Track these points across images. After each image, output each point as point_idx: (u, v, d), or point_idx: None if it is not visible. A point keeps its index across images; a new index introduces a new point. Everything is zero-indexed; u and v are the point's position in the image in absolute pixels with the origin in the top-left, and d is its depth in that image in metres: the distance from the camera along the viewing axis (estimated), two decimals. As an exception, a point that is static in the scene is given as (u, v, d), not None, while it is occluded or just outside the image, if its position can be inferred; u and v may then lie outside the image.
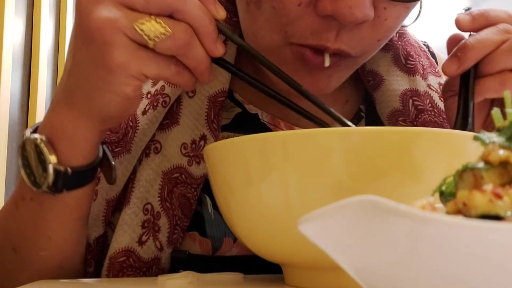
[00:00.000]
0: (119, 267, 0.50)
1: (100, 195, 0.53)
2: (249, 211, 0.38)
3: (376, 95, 0.62)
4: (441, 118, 0.60)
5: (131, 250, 0.51)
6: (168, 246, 0.52)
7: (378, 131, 0.35)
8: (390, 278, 0.19)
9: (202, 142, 0.54)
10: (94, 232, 0.53)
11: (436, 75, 0.64)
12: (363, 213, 0.18)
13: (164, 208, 0.52)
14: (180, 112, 0.54)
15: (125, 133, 0.54)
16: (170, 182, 0.52)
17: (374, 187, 0.34)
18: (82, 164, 0.46)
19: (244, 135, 0.45)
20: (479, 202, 0.19)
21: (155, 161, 0.53)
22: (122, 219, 0.52)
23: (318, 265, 0.37)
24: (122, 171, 0.53)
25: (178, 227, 0.52)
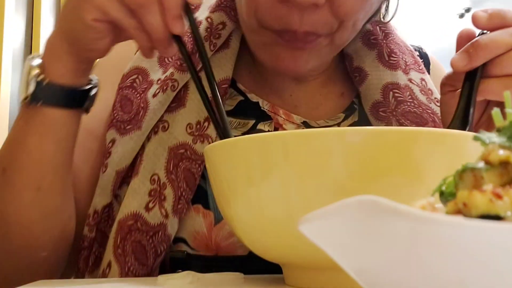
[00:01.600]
0: (127, 229, 0.55)
1: (110, 167, 0.59)
2: (249, 211, 0.38)
3: (361, 89, 0.67)
4: (421, 109, 0.64)
5: (139, 214, 0.55)
6: (173, 215, 0.56)
7: (378, 131, 0.35)
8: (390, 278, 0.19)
9: (206, 123, 0.59)
10: (102, 200, 0.59)
11: (419, 72, 0.68)
12: (363, 213, 0.18)
13: (169, 180, 0.56)
14: (187, 96, 0.60)
15: (137, 112, 0.60)
16: (176, 157, 0.57)
17: (374, 187, 0.34)
18: (59, 82, 0.51)
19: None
20: (479, 202, 0.19)
21: (162, 138, 0.58)
22: (131, 188, 0.57)
23: (318, 265, 0.37)
24: (132, 145, 0.59)
25: (182, 197, 0.56)
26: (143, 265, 0.54)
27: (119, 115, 0.61)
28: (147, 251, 0.54)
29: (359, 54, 0.68)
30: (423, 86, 0.66)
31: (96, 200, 0.59)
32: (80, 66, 0.52)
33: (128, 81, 0.63)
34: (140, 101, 0.60)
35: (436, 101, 0.65)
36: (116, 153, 0.59)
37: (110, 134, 0.61)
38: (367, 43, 0.68)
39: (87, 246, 0.58)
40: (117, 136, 0.60)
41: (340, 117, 0.66)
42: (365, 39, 0.68)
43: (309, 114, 0.66)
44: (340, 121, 0.66)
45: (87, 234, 0.58)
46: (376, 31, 0.69)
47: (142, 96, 0.61)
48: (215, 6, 0.64)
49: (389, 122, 0.63)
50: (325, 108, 0.67)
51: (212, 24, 0.63)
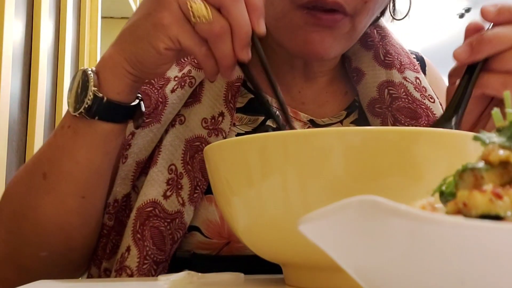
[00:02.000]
0: (146, 215, 0.57)
1: (130, 158, 0.61)
2: (249, 211, 0.38)
3: (359, 88, 0.70)
4: (415, 104, 0.67)
5: (157, 202, 0.57)
6: (190, 204, 0.58)
7: (378, 131, 0.35)
8: (390, 278, 0.19)
9: (220, 118, 0.62)
10: (122, 189, 0.61)
11: (414, 71, 0.71)
12: (363, 213, 0.18)
13: (186, 170, 0.59)
14: (202, 93, 0.63)
15: (155, 107, 0.62)
16: (192, 149, 0.60)
17: (374, 187, 0.34)
18: (115, 99, 0.54)
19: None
20: (479, 202, 0.19)
21: (179, 130, 0.62)
22: (150, 176, 0.59)
23: (318, 265, 0.37)
24: (152, 138, 0.61)
25: (198, 187, 0.59)
26: (160, 251, 0.56)
27: None
28: (164, 237, 0.56)
29: (357, 56, 0.71)
30: (417, 84, 0.69)
31: (116, 190, 0.61)
32: (136, 84, 0.55)
33: None
34: (158, 96, 0.63)
35: (430, 97, 0.68)
36: (137, 144, 0.61)
37: (129, 127, 0.62)
38: (364, 45, 0.72)
39: (106, 234, 0.60)
40: (137, 129, 0.62)
41: (342, 115, 0.69)
42: (362, 41, 0.72)
43: (316, 112, 0.69)
44: (342, 118, 0.69)
45: (107, 222, 0.60)
46: (373, 33, 0.72)
47: (160, 92, 0.63)
48: None
49: (384, 118, 0.66)
50: (331, 106, 0.70)
51: None
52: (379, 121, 0.67)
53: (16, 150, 1.28)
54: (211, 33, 0.48)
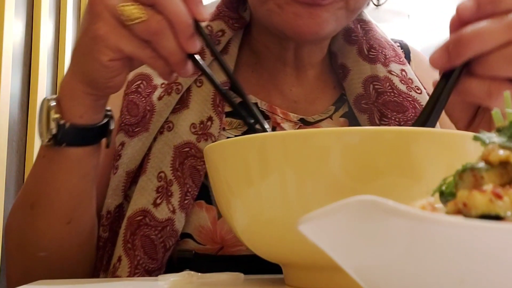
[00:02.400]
0: (136, 224, 0.57)
1: (120, 168, 0.61)
2: (248, 211, 0.38)
3: (345, 85, 0.69)
4: (401, 98, 0.66)
5: (147, 210, 0.57)
6: (181, 210, 0.58)
7: (377, 131, 0.35)
8: (390, 278, 0.19)
9: (209, 122, 0.62)
10: (114, 200, 0.61)
11: (399, 63, 0.70)
12: (363, 213, 0.18)
13: (176, 177, 0.59)
14: (190, 98, 0.63)
15: (143, 116, 0.62)
16: (181, 155, 0.60)
17: (374, 187, 0.34)
18: (79, 123, 0.53)
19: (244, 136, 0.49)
20: (479, 202, 0.19)
21: (168, 137, 0.61)
22: (139, 185, 0.59)
23: (318, 265, 0.37)
24: (141, 146, 0.61)
25: (189, 194, 0.58)
26: (152, 259, 0.56)
27: (126, 119, 0.63)
28: (156, 245, 0.56)
29: (342, 51, 0.71)
30: (403, 76, 0.68)
31: (108, 201, 0.61)
32: (98, 103, 0.54)
33: (133, 87, 0.65)
34: (146, 104, 0.63)
35: (416, 88, 0.67)
36: (126, 155, 0.61)
37: (119, 138, 0.63)
38: (348, 40, 0.71)
39: (102, 246, 0.60)
40: (126, 139, 0.62)
41: (331, 110, 0.69)
42: (346, 36, 0.71)
43: (307, 110, 0.68)
44: (331, 113, 0.69)
45: (102, 234, 0.60)
46: (357, 28, 0.72)
47: (148, 100, 0.63)
48: (214, 15, 0.67)
49: (371, 113, 0.66)
50: (321, 102, 0.70)
51: (212, 31, 0.65)
52: (366, 117, 0.66)
53: (16, 150, 1.28)
54: (149, 32, 0.47)
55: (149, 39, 0.47)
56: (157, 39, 0.47)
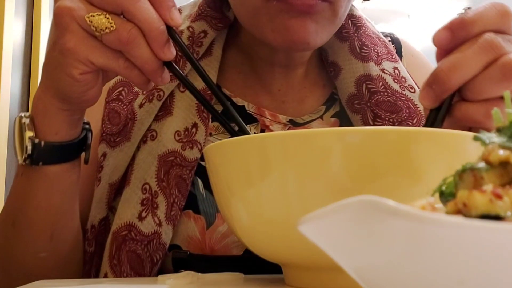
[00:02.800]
0: (121, 239, 0.55)
1: (103, 180, 0.59)
2: (248, 211, 0.38)
3: (337, 83, 0.67)
4: (394, 97, 0.64)
5: (132, 224, 0.55)
6: (167, 223, 0.56)
7: (377, 131, 0.35)
8: (390, 278, 0.19)
9: (194, 129, 0.60)
10: (98, 214, 0.59)
11: (392, 61, 0.68)
12: (363, 213, 0.18)
13: (161, 188, 0.57)
14: (173, 104, 0.61)
15: (125, 124, 0.60)
16: (166, 165, 0.58)
17: (374, 187, 0.34)
18: (56, 140, 0.51)
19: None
20: (479, 202, 0.19)
21: (151, 146, 0.59)
22: (124, 198, 0.57)
23: (318, 265, 0.37)
24: (123, 157, 0.59)
25: (175, 204, 0.56)
26: (139, 275, 0.54)
27: (107, 128, 0.61)
28: (142, 260, 0.55)
29: (333, 49, 0.69)
30: (396, 74, 0.66)
31: (92, 215, 0.59)
32: (74, 118, 0.52)
33: (114, 94, 0.63)
34: (127, 112, 0.60)
35: (410, 87, 0.66)
36: (108, 166, 0.59)
37: (101, 148, 0.61)
38: (339, 37, 0.69)
39: (88, 260, 0.59)
40: (108, 150, 0.60)
41: (321, 110, 0.67)
42: (337, 32, 0.68)
43: (296, 110, 0.66)
44: (322, 113, 0.67)
45: (87, 249, 0.59)
46: (348, 24, 0.69)
47: (129, 107, 0.61)
48: (195, 15, 0.65)
49: (364, 114, 0.64)
50: (311, 101, 0.68)
51: (194, 33, 0.63)
52: (359, 118, 0.64)
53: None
54: (120, 42, 0.44)
55: (121, 49, 0.45)
56: (129, 49, 0.45)
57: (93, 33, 0.45)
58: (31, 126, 0.51)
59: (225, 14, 0.66)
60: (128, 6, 0.45)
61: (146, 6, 0.45)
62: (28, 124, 0.51)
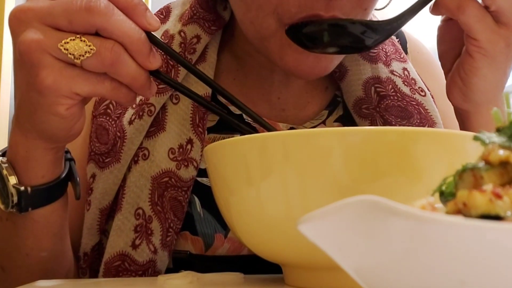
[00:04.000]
0: (114, 271, 0.52)
1: (93, 205, 0.55)
2: (249, 211, 0.38)
3: (342, 86, 0.63)
4: (405, 102, 0.60)
5: (126, 254, 0.52)
6: (162, 249, 0.53)
7: (378, 131, 0.35)
8: (390, 278, 0.19)
9: (189, 146, 0.55)
10: (90, 241, 0.55)
11: (401, 61, 0.65)
12: (363, 213, 0.18)
13: (155, 212, 0.53)
14: (166, 118, 0.56)
15: (114, 143, 0.56)
16: (160, 187, 0.54)
17: (374, 187, 0.34)
18: (42, 183, 0.47)
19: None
20: (479, 202, 0.19)
21: (144, 167, 0.54)
22: (115, 225, 0.53)
23: (318, 265, 0.37)
24: (113, 180, 0.55)
25: (171, 229, 0.53)
26: None
27: (96, 147, 0.57)
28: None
29: None
30: (406, 76, 0.63)
31: (84, 242, 0.56)
32: (59, 155, 0.48)
33: (102, 108, 0.58)
34: (116, 130, 0.56)
35: (420, 90, 0.63)
36: (98, 189, 0.55)
37: (90, 169, 0.57)
38: None
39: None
40: (97, 171, 0.56)
41: (323, 115, 0.63)
42: None
43: (297, 118, 0.63)
44: (324, 118, 0.63)
45: (81, 277, 0.56)
46: None
47: (118, 124, 0.57)
48: (187, 18, 0.60)
49: (373, 119, 0.60)
50: (312, 107, 0.64)
51: (186, 38, 0.58)
52: (368, 123, 0.60)
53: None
54: (104, 64, 0.40)
55: (105, 71, 0.41)
56: (115, 69, 0.41)
57: (71, 61, 0.40)
58: (12, 172, 0.46)
59: (219, 15, 0.61)
60: (103, 23, 0.40)
61: (121, 17, 0.41)
62: (9, 172, 0.46)
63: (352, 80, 0.63)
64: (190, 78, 0.58)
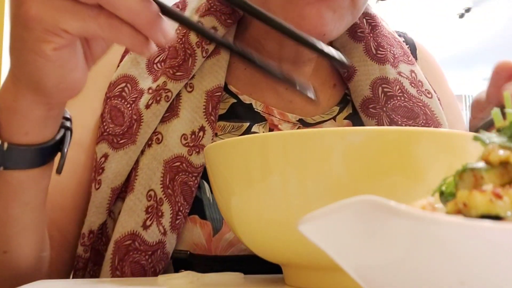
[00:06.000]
0: (125, 250, 0.52)
1: (104, 184, 0.55)
2: (249, 211, 0.38)
3: (350, 85, 0.65)
4: (411, 102, 0.62)
5: (136, 233, 0.53)
6: (172, 231, 0.53)
7: (378, 131, 0.35)
8: (390, 278, 0.19)
9: (201, 133, 0.57)
10: (98, 219, 0.56)
11: (408, 63, 0.66)
12: (363, 213, 0.18)
13: (166, 195, 0.54)
14: (179, 105, 0.57)
15: (130, 125, 0.56)
16: (172, 171, 0.55)
17: (374, 187, 0.34)
18: (25, 143, 0.42)
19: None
20: (479, 202, 0.19)
21: (157, 151, 0.56)
22: (127, 205, 0.54)
23: (318, 265, 0.37)
24: (127, 161, 0.56)
25: (180, 213, 0.54)
26: None
27: (110, 128, 0.57)
28: (146, 271, 0.53)
29: (347, 48, 0.66)
30: (413, 78, 0.65)
31: (91, 220, 0.56)
32: (50, 114, 0.42)
33: (117, 90, 0.59)
34: (132, 113, 0.57)
35: (426, 92, 0.64)
36: (110, 169, 0.55)
37: (101, 148, 0.57)
38: (353, 36, 0.67)
39: (82, 267, 0.56)
40: (110, 151, 0.56)
41: (334, 110, 0.65)
42: (351, 32, 0.67)
43: (305, 110, 0.64)
44: (335, 114, 0.64)
45: (82, 254, 0.56)
46: (363, 24, 0.67)
47: (133, 107, 0.57)
48: (205, 10, 0.61)
49: (379, 119, 0.62)
50: (320, 102, 0.65)
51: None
52: (374, 122, 0.62)
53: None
54: None
55: (98, 1, 0.34)
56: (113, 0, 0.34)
57: None
58: None
59: (235, 8, 0.62)
60: None
61: None
62: None
63: (360, 80, 0.64)
64: (204, 69, 0.59)
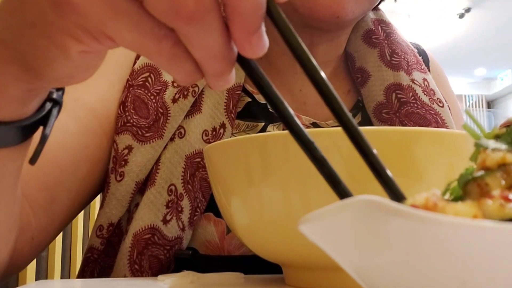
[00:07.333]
0: (144, 243, 0.52)
1: (128, 177, 0.55)
2: (249, 211, 0.38)
3: (363, 91, 0.66)
4: (424, 110, 0.63)
5: (156, 228, 0.53)
6: (189, 227, 0.54)
7: (378, 131, 0.35)
8: (390, 278, 0.19)
9: (222, 130, 0.57)
10: (118, 212, 0.56)
11: (421, 71, 0.67)
12: (363, 213, 0.18)
13: (186, 190, 0.54)
14: (202, 101, 0.58)
15: (156, 119, 0.56)
16: (192, 166, 0.55)
17: (375, 187, 0.34)
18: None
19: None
20: (492, 210, 0.19)
21: (179, 145, 0.56)
22: (147, 198, 0.54)
23: (318, 265, 0.37)
24: (153, 155, 0.56)
25: (198, 209, 0.55)
26: None
27: (134, 119, 0.56)
28: (163, 265, 0.53)
29: (361, 53, 0.67)
30: (426, 86, 0.65)
31: (112, 212, 0.55)
32: (32, 93, 0.34)
33: (140, 79, 0.57)
34: (158, 106, 0.56)
35: (438, 101, 0.65)
36: (135, 162, 0.55)
37: (124, 139, 0.55)
38: (368, 42, 0.67)
39: (95, 259, 0.56)
40: (135, 143, 0.55)
41: None
42: (366, 37, 0.67)
43: (318, 114, 0.64)
44: None
45: (98, 246, 0.56)
46: (378, 30, 0.68)
47: (158, 100, 0.56)
48: None
49: (392, 124, 0.63)
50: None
51: None
52: None
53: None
54: (179, 14, 0.24)
55: (174, 25, 0.25)
56: (192, 30, 0.25)
57: None
58: None
59: None
60: None
61: None
62: None
63: (374, 86, 0.65)
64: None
